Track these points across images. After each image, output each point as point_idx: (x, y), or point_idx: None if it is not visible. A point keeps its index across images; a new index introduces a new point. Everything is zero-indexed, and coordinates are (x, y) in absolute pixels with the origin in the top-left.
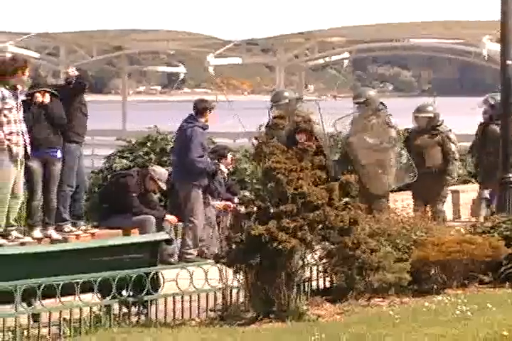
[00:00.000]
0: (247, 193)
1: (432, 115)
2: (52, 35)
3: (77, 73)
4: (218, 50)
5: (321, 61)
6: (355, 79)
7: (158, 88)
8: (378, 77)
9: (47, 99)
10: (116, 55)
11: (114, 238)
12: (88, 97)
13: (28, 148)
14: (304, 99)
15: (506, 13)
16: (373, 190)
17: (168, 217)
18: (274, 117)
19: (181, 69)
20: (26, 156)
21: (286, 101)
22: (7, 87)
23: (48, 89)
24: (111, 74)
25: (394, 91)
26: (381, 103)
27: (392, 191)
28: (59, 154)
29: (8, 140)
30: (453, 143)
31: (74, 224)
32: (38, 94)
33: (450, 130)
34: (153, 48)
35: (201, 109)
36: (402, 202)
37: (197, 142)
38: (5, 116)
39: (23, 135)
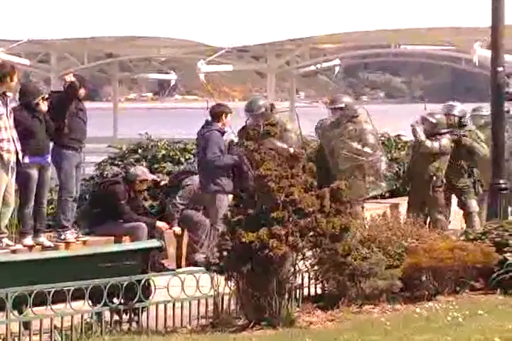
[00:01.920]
0: None
1: (435, 121)
2: (43, 42)
3: (72, 79)
4: (209, 57)
5: (312, 68)
6: (346, 86)
7: (150, 95)
8: (369, 83)
9: (45, 106)
10: (107, 62)
11: (106, 245)
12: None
13: (20, 155)
14: (277, 108)
15: (497, 19)
16: (349, 195)
17: (159, 223)
18: (266, 125)
19: (172, 76)
20: (18, 163)
21: (263, 110)
22: None
23: (46, 96)
24: (102, 82)
25: (385, 98)
26: (354, 110)
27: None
28: (49, 159)
29: None
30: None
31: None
32: (41, 103)
33: (449, 139)
34: (144, 55)
35: (218, 113)
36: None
37: (212, 143)
38: None
39: (14, 141)
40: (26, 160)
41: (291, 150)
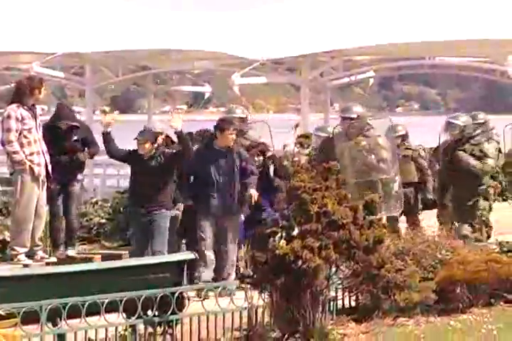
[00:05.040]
0: None
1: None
2: (78, 54)
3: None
4: (243, 70)
5: (346, 80)
6: (381, 98)
7: (184, 107)
8: (404, 95)
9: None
10: (142, 74)
11: (139, 258)
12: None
13: (49, 168)
14: (249, 119)
15: None
16: None
17: None
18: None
19: (207, 89)
20: (48, 176)
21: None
22: (25, 107)
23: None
24: (137, 94)
25: (420, 110)
26: (367, 123)
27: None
28: (79, 177)
29: (30, 161)
30: None
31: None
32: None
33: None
34: (178, 68)
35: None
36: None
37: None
38: (25, 137)
39: (43, 154)
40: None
41: None
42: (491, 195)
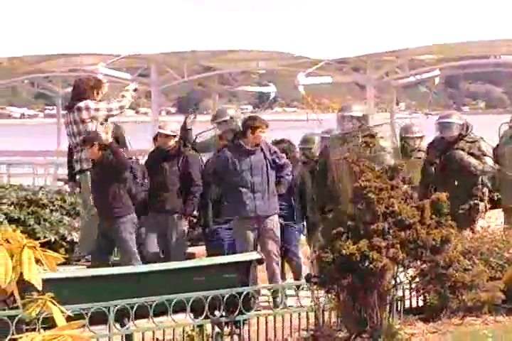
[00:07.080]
0: None
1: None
2: (143, 56)
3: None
4: (309, 69)
5: (412, 79)
6: (446, 97)
7: (249, 108)
8: (470, 94)
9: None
10: (207, 75)
11: (206, 258)
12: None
13: None
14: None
15: None
16: None
17: None
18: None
19: (272, 89)
20: None
21: (226, 118)
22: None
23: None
24: (202, 95)
25: (486, 108)
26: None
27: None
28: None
29: None
30: None
31: None
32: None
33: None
34: (243, 68)
35: (244, 127)
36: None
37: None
38: None
39: None
40: None
41: None
42: (485, 196)
